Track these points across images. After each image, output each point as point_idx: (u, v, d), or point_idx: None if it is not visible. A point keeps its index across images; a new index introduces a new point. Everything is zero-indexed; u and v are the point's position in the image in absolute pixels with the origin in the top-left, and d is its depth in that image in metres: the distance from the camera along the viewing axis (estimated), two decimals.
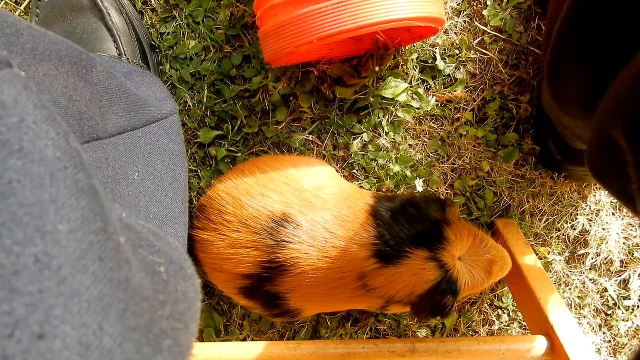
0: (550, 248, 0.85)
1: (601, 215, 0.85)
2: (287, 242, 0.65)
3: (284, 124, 0.82)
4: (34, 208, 0.23)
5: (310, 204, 0.67)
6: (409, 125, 0.82)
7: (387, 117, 0.82)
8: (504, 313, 0.86)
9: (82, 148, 0.27)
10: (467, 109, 0.82)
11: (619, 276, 0.86)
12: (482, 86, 0.82)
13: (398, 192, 0.72)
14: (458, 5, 0.81)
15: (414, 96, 0.82)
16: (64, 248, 0.23)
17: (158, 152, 0.59)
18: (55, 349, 0.21)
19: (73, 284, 0.23)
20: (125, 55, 0.72)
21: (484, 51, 0.82)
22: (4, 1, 0.82)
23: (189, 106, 0.81)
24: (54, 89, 0.41)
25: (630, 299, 0.87)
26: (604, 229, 0.85)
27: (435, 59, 0.81)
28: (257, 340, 0.83)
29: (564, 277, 0.85)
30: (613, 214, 0.85)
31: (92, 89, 0.48)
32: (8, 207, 0.22)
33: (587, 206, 0.85)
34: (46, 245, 0.22)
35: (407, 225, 0.64)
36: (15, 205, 0.22)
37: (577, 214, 0.85)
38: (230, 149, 0.82)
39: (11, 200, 0.22)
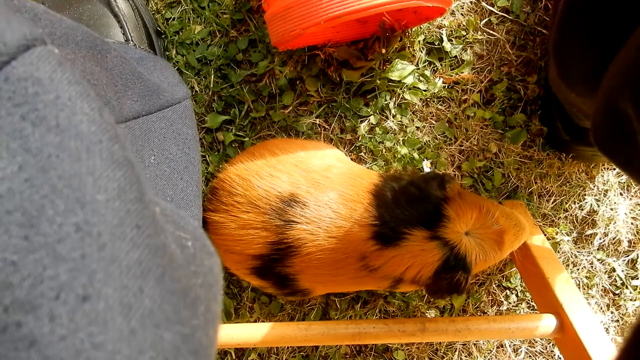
0: (558, 228, 0.85)
1: (609, 195, 0.85)
2: (294, 222, 0.65)
3: (290, 108, 0.82)
4: (72, 180, 0.24)
5: (317, 183, 0.68)
6: (416, 107, 0.82)
7: (394, 99, 0.82)
8: (512, 293, 0.86)
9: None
10: (474, 91, 0.82)
11: (627, 256, 0.87)
12: (489, 67, 0.82)
13: (405, 171, 0.72)
14: None
15: (421, 78, 0.82)
16: (102, 216, 0.24)
17: (172, 136, 0.59)
18: (99, 309, 0.22)
19: (113, 249, 0.24)
20: (132, 41, 0.72)
21: (491, 32, 0.82)
22: None
23: (196, 91, 0.82)
24: (69, 64, 0.41)
25: (638, 278, 0.87)
26: (611, 209, 0.85)
27: (441, 40, 0.81)
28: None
29: (571, 257, 0.86)
30: (621, 194, 0.85)
31: (107, 73, 0.48)
32: (49, 180, 0.23)
33: (594, 186, 0.85)
34: (86, 215, 0.23)
35: (407, 206, 0.64)
36: (55, 178, 0.23)
37: (585, 194, 0.85)
38: (238, 133, 0.82)
39: (51, 174, 0.23)
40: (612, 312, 0.87)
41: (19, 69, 0.24)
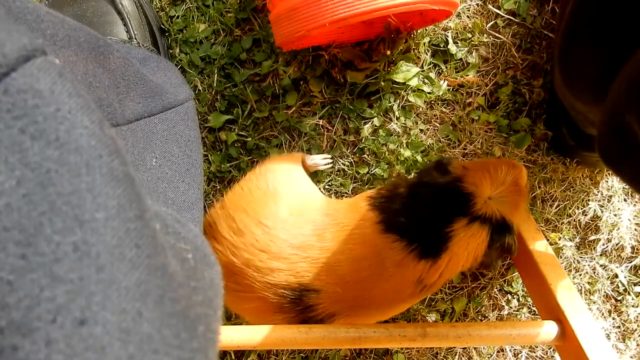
0: (561, 234, 0.84)
1: (613, 201, 0.84)
2: (315, 305, 0.63)
3: (294, 108, 0.82)
4: (71, 197, 0.23)
5: (325, 266, 0.64)
6: (420, 109, 0.82)
7: (398, 101, 0.81)
8: (514, 298, 0.86)
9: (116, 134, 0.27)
10: (479, 94, 0.82)
11: (630, 262, 0.86)
12: (494, 70, 0.81)
13: (386, 188, 0.69)
14: None
15: (426, 80, 0.81)
16: (101, 236, 0.23)
17: (174, 138, 0.59)
18: (96, 334, 0.22)
19: (111, 271, 0.23)
20: (135, 39, 0.72)
21: (497, 35, 0.81)
22: None
23: (199, 90, 0.81)
24: (74, 75, 0.40)
25: None
26: (615, 215, 0.85)
27: (447, 42, 0.81)
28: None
29: (574, 262, 0.85)
30: (625, 200, 0.85)
31: (110, 75, 0.47)
32: (47, 196, 0.22)
33: (598, 192, 0.85)
34: (84, 234, 0.23)
35: (430, 209, 0.63)
36: (54, 195, 0.23)
37: (589, 200, 0.85)
38: (241, 133, 0.82)
39: (50, 190, 0.23)
40: (613, 319, 0.87)
41: (18, 81, 0.23)
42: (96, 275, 0.22)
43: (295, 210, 0.67)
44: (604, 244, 0.85)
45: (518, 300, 0.86)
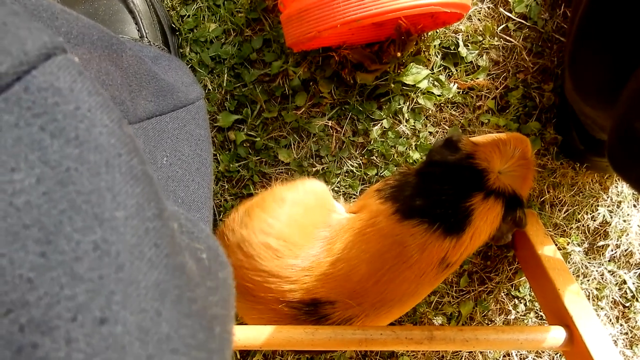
0: (570, 239, 0.84)
1: (622, 207, 0.84)
2: (331, 314, 0.64)
3: (303, 109, 0.82)
4: (91, 196, 0.23)
5: (339, 277, 0.63)
6: (430, 112, 0.82)
7: (408, 103, 0.81)
8: (521, 302, 0.85)
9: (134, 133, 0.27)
10: (489, 97, 0.81)
11: (639, 268, 0.85)
12: (504, 74, 0.81)
13: (393, 179, 0.70)
14: None
15: (435, 83, 0.81)
16: (121, 235, 0.23)
17: (185, 137, 0.59)
18: (116, 333, 0.21)
19: (131, 270, 0.23)
20: (146, 37, 0.72)
21: (508, 38, 0.81)
22: None
23: (209, 89, 0.81)
24: (88, 73, 0.41)
25: None
26: (624, 221, 0.84)
27: (457, 45, 0.80)
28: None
29: (582, 268, 0.85)
30: (634, 206, 0.84)
31: (122, 73, 0.48)
32: (67, 194, 0.22)
33: (608, 197, 0.84)
34: (104, 232, 0.23)
35: (446, 186, 0.63)
36: (73, 193, 0.23)
37: (598, 205, 0.84)
38: (249, 133, 0.82)
39: (69, 188, 0.23)
40: (621, 325, 0.87)
41: (39, 79, 0.23)
42: (116, 274, 0.22)
43: (309, 237, 0.67)
44: (612, 250, 0.85)
45: (525, 304, 0.85)
